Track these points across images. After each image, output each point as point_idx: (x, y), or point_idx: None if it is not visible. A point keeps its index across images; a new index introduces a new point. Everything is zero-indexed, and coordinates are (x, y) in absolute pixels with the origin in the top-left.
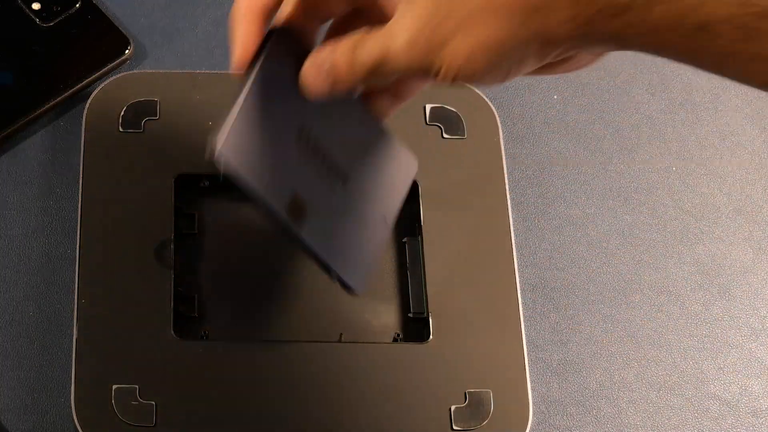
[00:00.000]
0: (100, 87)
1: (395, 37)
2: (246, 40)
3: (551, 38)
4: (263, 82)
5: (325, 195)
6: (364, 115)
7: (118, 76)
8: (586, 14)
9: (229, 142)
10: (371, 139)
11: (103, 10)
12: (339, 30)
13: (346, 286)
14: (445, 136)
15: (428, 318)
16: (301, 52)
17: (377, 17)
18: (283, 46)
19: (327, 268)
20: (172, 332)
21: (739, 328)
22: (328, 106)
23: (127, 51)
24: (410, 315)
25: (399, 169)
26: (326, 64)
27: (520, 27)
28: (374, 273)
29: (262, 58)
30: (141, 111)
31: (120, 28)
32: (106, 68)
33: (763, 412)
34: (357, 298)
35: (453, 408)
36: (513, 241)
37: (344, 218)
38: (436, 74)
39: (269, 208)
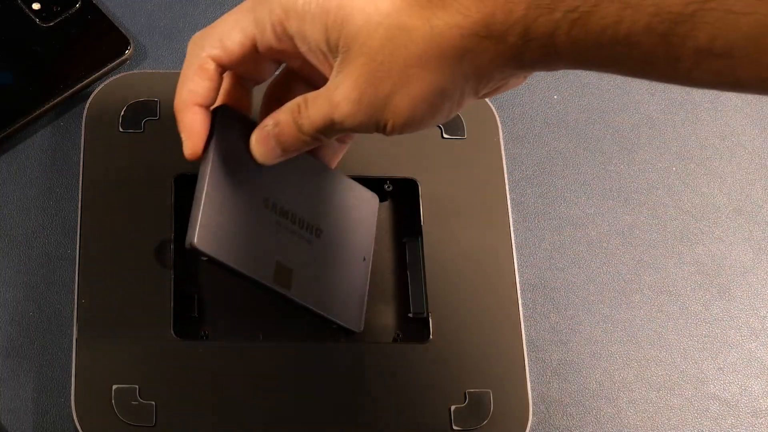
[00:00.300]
0: (100, 87)
1: (338, 103)
2: (193, 130)
3: (483, 75)
4: (220, 163)
5: (304, 253)
6: (317, 166)
7: (118, 76)
8: (512, 50)
9: (202, 232)
10: (330, 187)
11: (103, 10)
12: (275, 93)
13: (345, 330)
14: (444, 136)
15: (428, 318)
16: (247, 122)
17: (309, 76)
18: (229, 121)
19: (324, 320)
20: (172, 332)
21: (739, 328)
22: (284, 168)
23: (127, 51)
24: (410, 315)
25: (364, 208)
26: (273, 132)
27: (453, 73)
28: (365, 308)
29: (213, 141)
30: (141, 111)
31: (120, 28)
32: (106, 68)
33: (763, 412)
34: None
35: (453, 408)
36: (513, 241)
37: (327, 268)
38: (384, 129)
39: (257, 282)
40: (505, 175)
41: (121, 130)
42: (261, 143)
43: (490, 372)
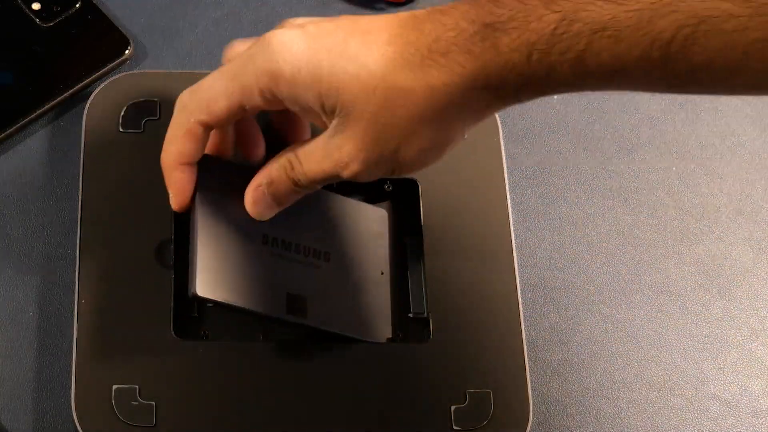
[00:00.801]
0: (100, 87)
1: (347, 163)
2: (179, 187)
3: (482, 117)
4: (208, 212)
5: (315, 279)
6: (315, 195)
7: (119, 76)
8: (510, 93)
9: (202, 279)
10: (331, 211)
11: (103, 10)
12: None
13: (373, 343)
14: None
15: (428, 318)
16: (230, 167)
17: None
18: (212, 169)
19: (348, 339)
20: (172, 332)
21: (739, 328)
22: None
23: (127, 51)
24: (410, 315)
25: (372, 224)
26: (268, 191)
27: (455, 123)
28: (390, 317)
29: (198, 191)
30: (141, 111)
31: (120, 28)
32: (106, 68)
33: (763, 412)
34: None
35: (453, 408)
36: (513, 241)
37: (342, 289)
38: (392, 173)
39: (269, 317)
40: (505, 175)
41: (121, 130)
42: (258, 204)
43: (491, 372)
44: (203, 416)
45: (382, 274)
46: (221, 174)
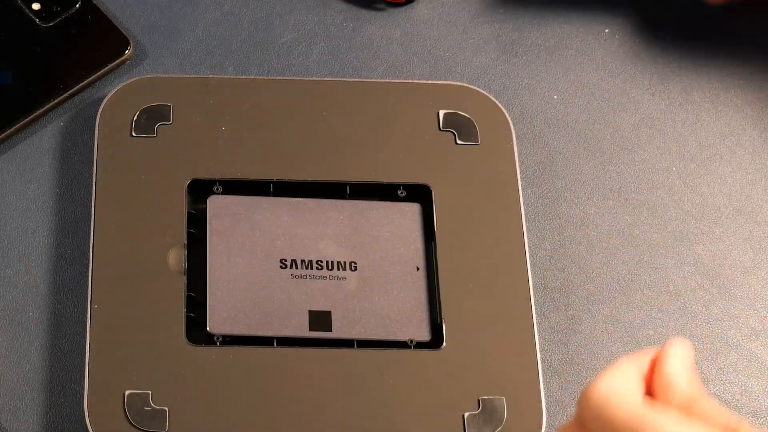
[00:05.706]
0: (113, 92)
1: None
2: None
3: None
4: (219, 248)
5: (340, 292)
6: (336, 208)
7: (131, 80)
8: None
9: (214, 317)
10: (354, 218)
11: (103, 10)
12: None
13: (423, 345)
14: (458, 142)
15: (442, 324)
16: (241, 200)
17: None
18: (222, 205)
19: (392, 344)
20: (185, 338)
21: (739, 328)
22: (299, 225)
23: (127, 51)
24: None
25: (402, 222)
26: None
27: None
28: (426, 313)
29: (209, 229)
30: (154, 116)
31: (120, 28)
32: (106, 68)
33: (763, 412)
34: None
35: (466, 415)
36: (527, 248)
37: (373, 295)
38: None
39: (292, 338)
40: (519, 182)
41: (134, 135)
42: None
43: (504, 379)
44: (216, 422)
45: (418, 269)
46: (232, 209)
